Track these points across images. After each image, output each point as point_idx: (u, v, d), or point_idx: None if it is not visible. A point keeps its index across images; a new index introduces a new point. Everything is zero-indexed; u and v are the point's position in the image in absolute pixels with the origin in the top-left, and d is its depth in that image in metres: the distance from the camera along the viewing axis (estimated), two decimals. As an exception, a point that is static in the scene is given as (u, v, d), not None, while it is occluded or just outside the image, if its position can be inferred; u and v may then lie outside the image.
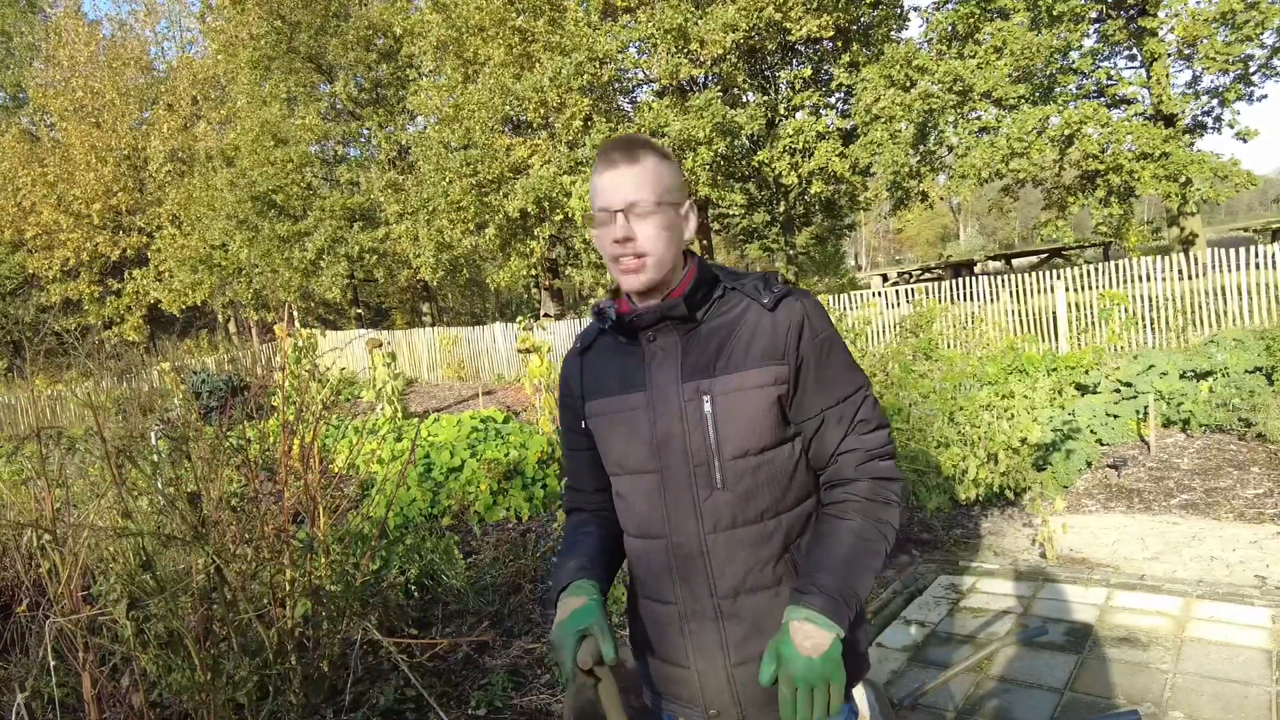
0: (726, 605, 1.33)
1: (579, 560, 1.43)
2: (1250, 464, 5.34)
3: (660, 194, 1.33)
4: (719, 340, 1.33)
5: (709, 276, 1.39)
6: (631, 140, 1.36)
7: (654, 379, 1.36)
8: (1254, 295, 9.33)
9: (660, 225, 1.33)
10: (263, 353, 18.66)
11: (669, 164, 1.37)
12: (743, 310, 1.35)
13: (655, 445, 1.35)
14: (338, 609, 3.09)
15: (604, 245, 1.34)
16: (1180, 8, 12.17)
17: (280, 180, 20.28)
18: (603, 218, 1.34)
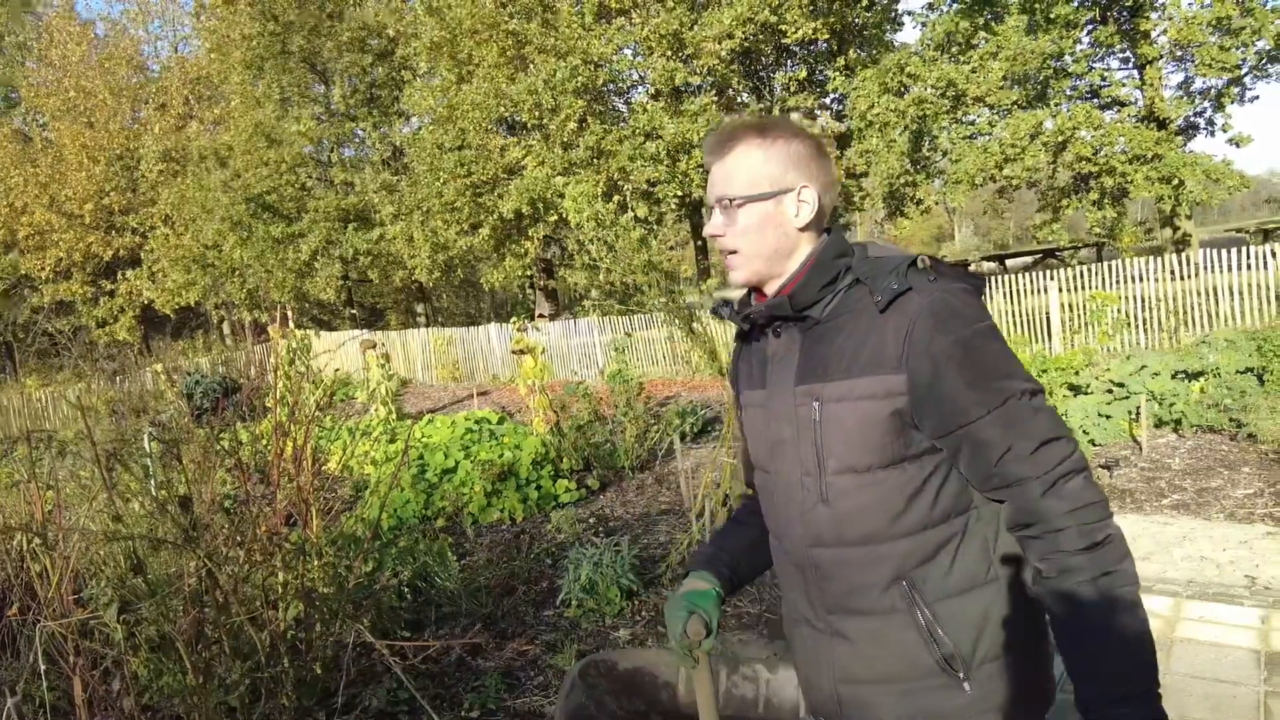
0: (834, 621, 1.26)
1: (718, 550, 1.49)
2: (1241, 464, 5.36)
3: (749, 187, 1.25)
4: (838, 341, 1.21)
5: (831, 268, 1.24)
6: (728, 127, 1.29)
7: (772, 378, 1.30)
8: (1245, 296, 9.38)
9: (750, 220, 1.25)
10: (256, 354, 18.64)
11: (769, 149, 1.26)
12: (862, 307, 1.20)
13: (771, 445, 1.30)
14: (330, 611, 3.09)
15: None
16: (1174, 11, 12.23)
17: (274, 182, 20.25)
18: (705, 212, 1.35)
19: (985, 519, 1.19)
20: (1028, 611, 1.20)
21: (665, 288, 4.99)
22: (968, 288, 1.19)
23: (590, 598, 3.86)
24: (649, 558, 4.54)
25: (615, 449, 6.77)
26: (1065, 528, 1.11)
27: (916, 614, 1.18)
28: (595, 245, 12.97)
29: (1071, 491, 1.11)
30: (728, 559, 1.47)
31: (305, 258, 20.61)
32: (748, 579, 1.49)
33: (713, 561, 1.46)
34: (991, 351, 1.15)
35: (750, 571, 1.49)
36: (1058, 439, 1.13)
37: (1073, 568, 1.10)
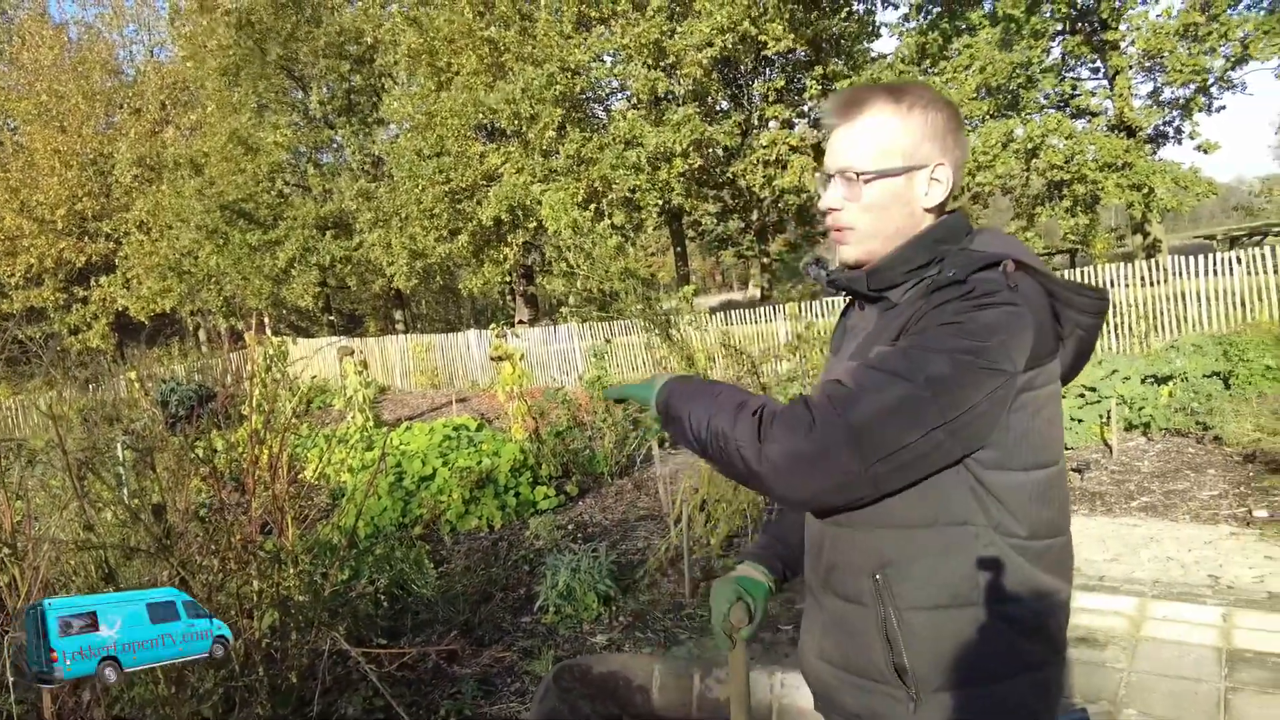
0: (822, 597, 1.24)
1: (772, 539, 1.46)
2: (1207, 466, 5.47)
3: (880, 159, 1.14)
4: (897, 326, 1.12)
5: (925, 252, 1.14)
6: (861, 90, 1.17)
7: (843, 350, 1.26)
8: (1213, 301, 9.56)
9: (875, 197, 1.15)
10: (233, 361, 18.45)
11: (905, 118, 1.14)
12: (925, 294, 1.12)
13: None
14: (306, 619, 3.08)
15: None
16: (1142, 22, 12.47)
17: (250, 189, 20.11)
18: (821, 179, 1.20)
19: (984, 540, 1.09)
20: (1009, 653, 1.11)
21: (642, 294, 5.02)
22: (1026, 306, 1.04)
23: (568, 604, 3.87)
24: (627, 563, 4.56)
25: (594, 455, 6.79)
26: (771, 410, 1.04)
27: (881, 614, 1.13)
28: (573, 253, 12.98)
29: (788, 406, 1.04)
30: (781, 549, 1.43)
31: (282, 265, 20.46)
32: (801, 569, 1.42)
33: (766, 551, 1.44)
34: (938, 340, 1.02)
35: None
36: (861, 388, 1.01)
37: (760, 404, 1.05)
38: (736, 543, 4.45)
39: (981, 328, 1.02)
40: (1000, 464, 1.07)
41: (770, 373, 4.98)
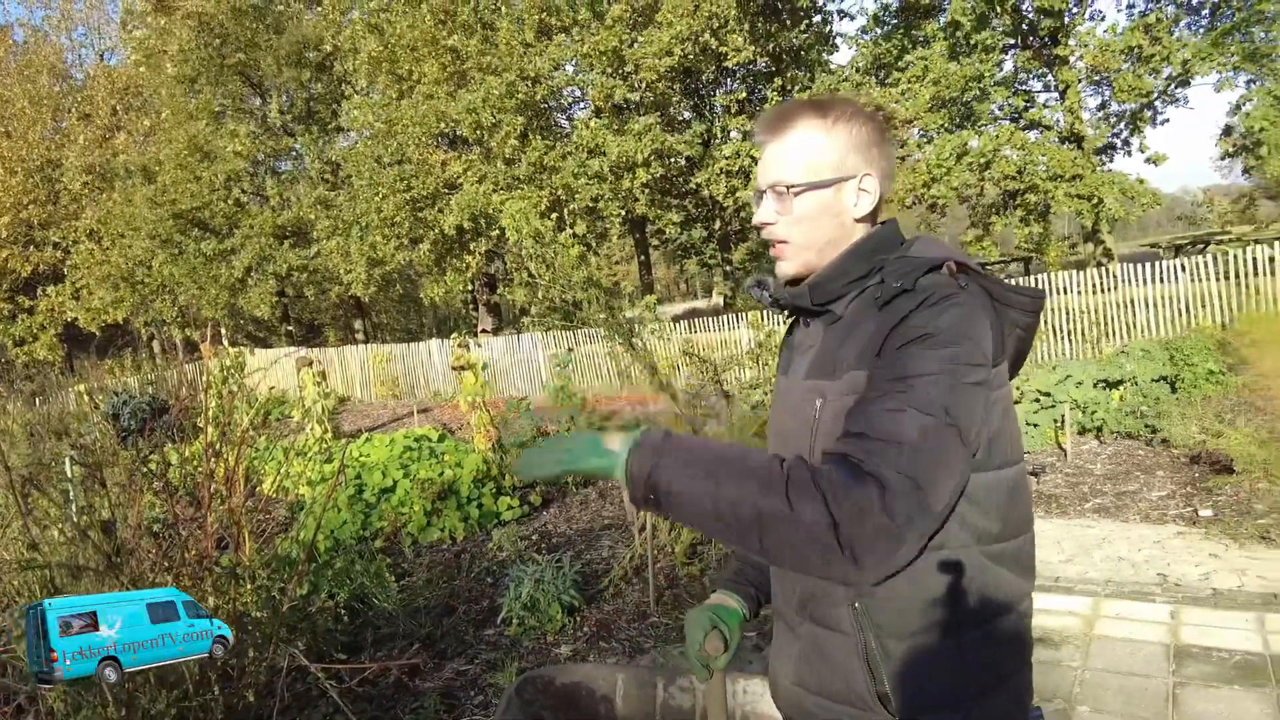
0: (798, 623, 1.22)
1: (743, 564, 1.44)
2: (1156, 468, 5.63)
3: (808, 173, 1.15)
4: (852, 339, 1.13)
5: (863, 263, 1.15)
6: (789, 106, 1.18)
7: (793, 368, 1.25)
8: (1160, 307, 9.86)
9: (805, 209, 1.16)
10: (188, 372, 18.05)
11: (830, 131, 1.15)
12: (871, 304, 1.13)
13: (778, 435, 1.26)
14: (264, 635, 3.02)
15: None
16: (1090, 39, 12.84)
17: (206, 197, 19.73)
18: (755, 196, 1.21)
19: (961, 555, 1.08)
20: (989, 668, 1.12)
21: (605, 304, 5.03)
22: (978, 306, 1.07)
23: (532, 615, 3.85)
24: (591, 573, 4.54)
25: (558, 464, 6.75)
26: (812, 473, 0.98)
27: (862, 641, 1.12)
28: (534, 262, 12.96)
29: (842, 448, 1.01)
30: (753, 574, 1.42)
31: (239, 274, 20.09)
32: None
33: (739, 578, 1.43)
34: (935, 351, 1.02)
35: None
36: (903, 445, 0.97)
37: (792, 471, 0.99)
38: (700, 550, 4.46)
39: (949, 331, 1.03)
40: (979, 465, 1.07)
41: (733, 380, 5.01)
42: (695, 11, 14.62)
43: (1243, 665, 2.97)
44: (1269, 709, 2.68)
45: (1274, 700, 2.72)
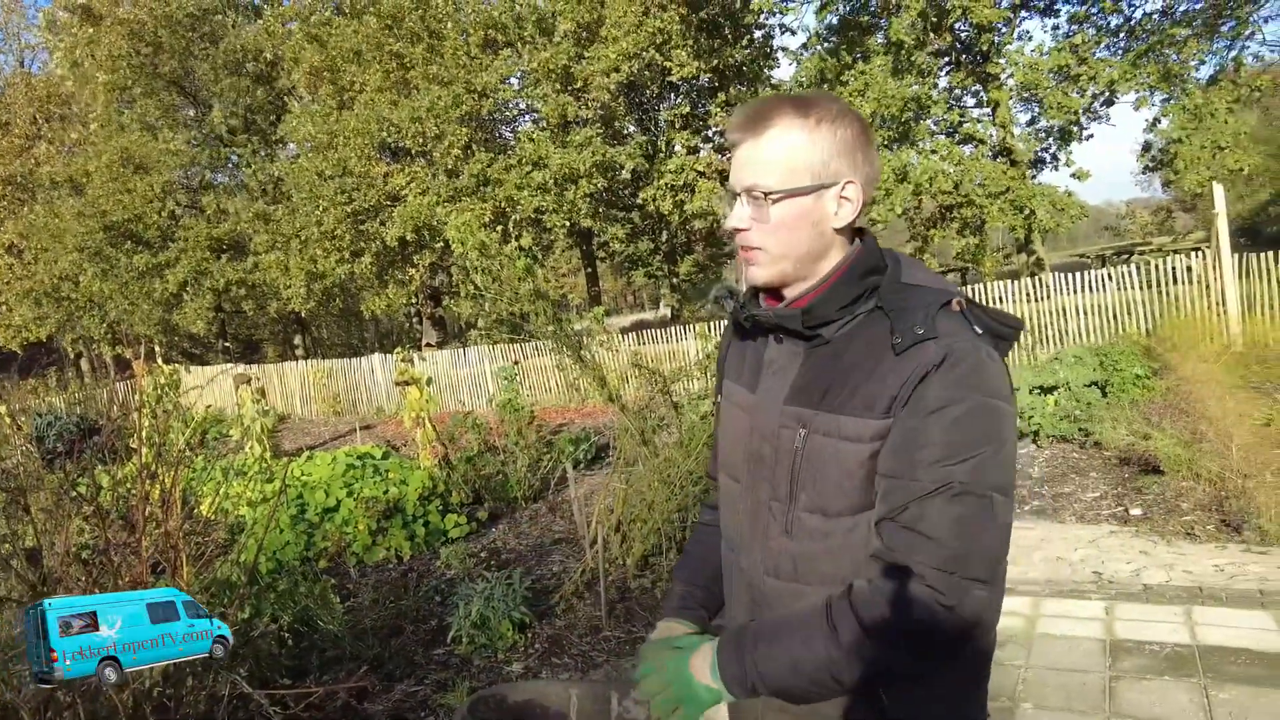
0: None
1: (687, 585, 1.37)
2: (1089, 470, 5.83)
3: (787, 178, 1.08)
4: (843, 369, 1.08)
5: (858, 286, 1.10)
6: (766, 102, 1.10)
7: (764, 386, 1.17)
8: (1090, 315, 10.23)
9: (783, 216, 1.09)
10: (119, 391, 17.39)
11: (812, 133, 1.08)
12: (878, 342, 1.06)
13: (748, 457, 1.18)
14: (202, 663, 2.91)
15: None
16: (1019, 57, 13.33)
17: (139, 209, 19.08)
18: (727, 197, 1.14)
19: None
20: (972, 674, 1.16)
21: (553, 315, 5.01)
22: (991, 348, 1.06)
23: (482, 633, 3.80)
24: (543, 589, 4.51)
25: (507, 480, 6.70)
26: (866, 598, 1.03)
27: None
28: (480, 275, 12.85)
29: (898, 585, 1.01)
30: (701, 595, 1.35)
31: (173, 289, 19.47)
32: (722, 607, 1.35)
33: (686, 602, 1.35)
34: (968, 429, 1.00)
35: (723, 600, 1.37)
36: (948, 551, 0.99)
37: (841, 614, 1.03)
38: (652, 562, 4.46)
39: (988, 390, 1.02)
40: None
41: (682, 391, 5.03)
42: (640, 27, 14.74)
43: (1172, 657, 3.09)
44: (1197, 698, 2.79)
45: (1201, 690, 2.84)
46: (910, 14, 12.50)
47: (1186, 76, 12.73)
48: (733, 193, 1.13)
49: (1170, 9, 13.54)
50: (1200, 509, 4.67)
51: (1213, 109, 12.21)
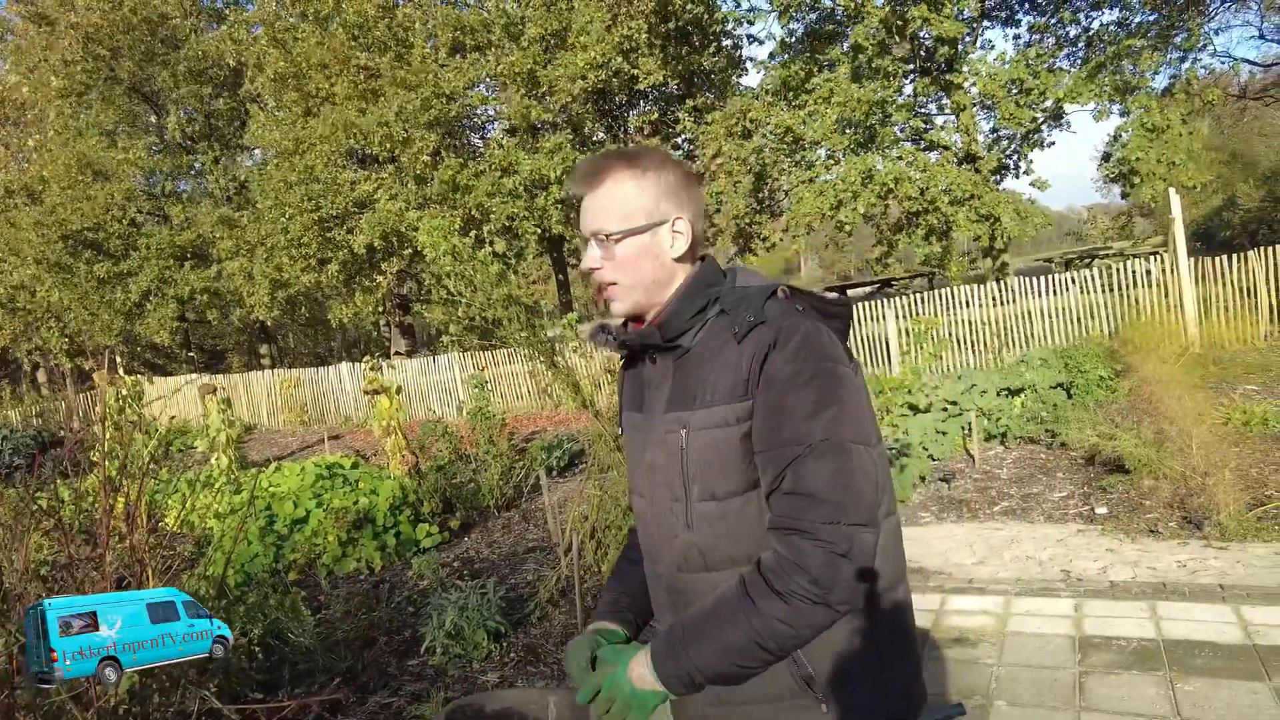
0: None
1: (617, 594, 1.46)
2: (1056, 470, 5.93)
3: (624, 220, 1.24)
4: (704, 369, 1.22)
5: (700, 298, 1.25)
6: (601, 159, 1.28)
7: (648, 403, 1.31)
8: (1054, 318, 10.43)
9: (626, 253, 1.25)
10: (79, 403, 16.98)
11: (640, 180, 1.25)
12: (725, 337, 1.21)
13: (646, 470, 1.31)
14: (170, 679, 2.85)
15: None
16: (980, 66, 13.57)
17: (99, 218, 18.67)
18: (582, 242, 1.31)
19: None
20: (889, 635, 1.23)
21: (526, 322, 5.00)
22: (818, 322, 1.19)
23: (456, 643, 3.76)
24: (517, 598, 4.47)
25: (479, 488, 6.65)
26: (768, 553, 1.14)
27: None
28: (453, 280, 12.78)
29: (787, 547, 1.12)
30: (629, 602, 1.44)
31: (135, 298, 19.08)
32: (652, 617, 1.46)
33: (615, 606, 1.44)
34: (817, 394, 1.13)
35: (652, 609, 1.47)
36: (817, 498, 1.11)
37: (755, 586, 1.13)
38: (627, 568, 4.44)
39: (818, 358, 1.15)
40: None
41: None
42: (607, 34, 14.78)
43: (1139, 651, 3.15)
44: (1163, 690, 2.85)
45: (1167, 682, 2.89)
46: (872, 21, 12.68)
47: (1144, 88, 13.06)
48: (584, 239, 1.29)
49: (1125, 21, 13.89)
50: (1163, 507, 4.77)
51: (1169, 122, 12.53)
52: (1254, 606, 3.39)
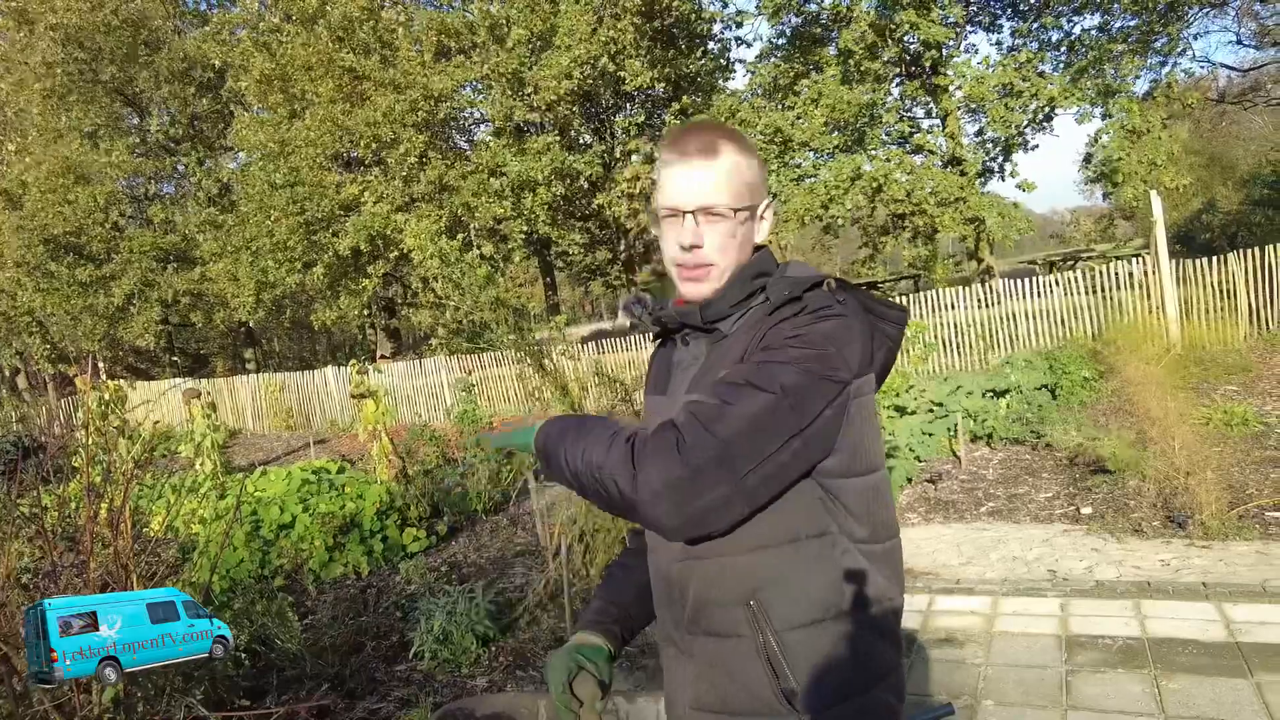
0: (690, 642, 1.20)
1: (605, 602, 1.39)
2: (1041, 471, 5.98)
3: (738, 197, 1.19)
4: (735, 355, 1.16)
5: (749, 285, 1.21)
6: (711, 131, 1.21)
7: (673, 385, 1.26)
8: (1039, 320, 10.51)
9: (732, 233, 1.19)
10: (61, 409, 16.80)
11: (750, 159, 1.21)
12: (759, 318, 1.17)
13: None
14: (156, 687, 2.82)
15: (668, 247, 1.21)
16: (966, 70, 13.68)
17: (80, 221, 18.48)
18: (670, 218, 1.20)
19: (841, 548, 1.13)
20: (873, 658, 1.17)
21: (515, 324, 4.99)
22: (854, 321, 1.14)
23: (444, 648, 3.74)
24: (505, 602, 4.46)
25: (466, 492, 6.63)
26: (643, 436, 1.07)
27: (761, 640, 1.12)
28: (441, 282, 12.76)
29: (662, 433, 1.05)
30: (616, 612, 1.37)
31: (118, 302, 18.89)
32: (641, 627, 1.38)
33: (601, 616, 1.36)
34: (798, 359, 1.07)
35: (644, 619, 1.39)
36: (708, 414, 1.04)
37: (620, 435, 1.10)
38: (616, 571, 4.44)
39: (820, 338, 1.09)
40: (844, 470, 1.13)
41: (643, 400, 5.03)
42: (593, 36, 14.78)
43: (1124, 650, 3.17)
44: (1148, 688, 2.88)
45: (1153, 680, 2.92)
46: (860, 25, 12.76)
47: (1125, 92, 13.20)
48: (681, 212, 1.18)
49: (1107, 25, 14.04)
50: (1147, 506, 4.81)
51: (1149, 125, 12.67)
52: (1236, 604, 3.43)
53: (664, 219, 1.21)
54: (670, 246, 1.21)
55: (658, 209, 1.22)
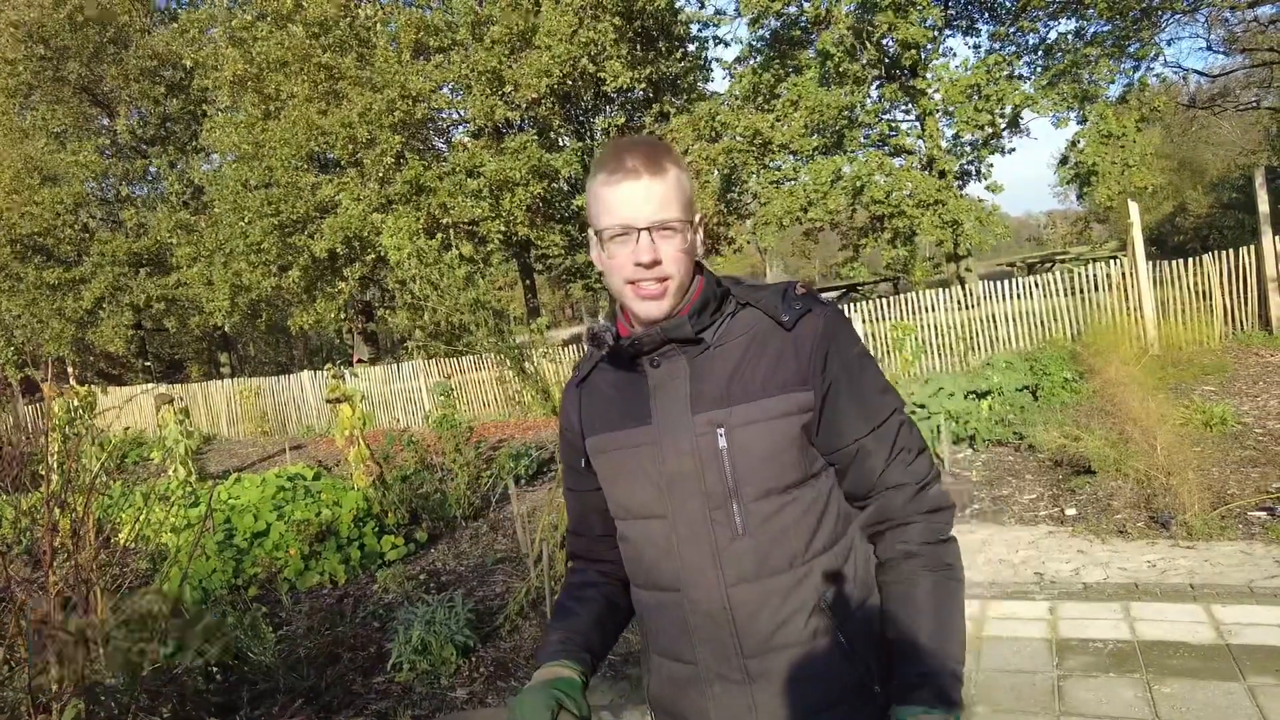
0: (754, 665, 1.18)
1: (566, 632, 1.31)
2: (1025, 472, 5.97)
3: (687, 210, 1.20)
4: (733, 364, 1.19)
5: (718, 292, 1.24)
6: (649, 146, 1.20)
7: (661, 411, 1.21)
8: (1018, 322, 10.56)
9: (683, 246, 1.19)
10: (25, 415, 16.44)
11: (686, 172, 1.23)
12: (759, 329, 1.20)
13: (664, 487, 1.20)
14: (120, 706, 2.71)
15: (620, 267, 1.17)
16: (944, 72, 13.75)
17: (48, 222, 18.12)
18: (620, 237, 1.16)
19: (855, 531, 1.24)
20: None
21: (495, 327, 4.90)
22: (843, 311, 1.26)
23: (423, 659, 3.65)
24: (486, 610, 4.37)
25: (445, 498, 6.52)
26: (916, 522, 1.19)
27: (838, 635, 1.17)
28: (419, 284, 12.61)
29: (932, 497, 1.21)
30: (581, 641, 1.31)
31: (88, 305, 18.53)
32: (602, 658, 1.35)
33: (568, 644, 1.30)
34: (875, 368, 1.24)
35: (603, 649, 1.35)
36: (925, 450, 1.23)
37: (915, 558, 1.18)
38: (599, 577, 4.36)
39: (858, 337, 1.24)
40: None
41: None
42: (573, 37, 14.71)
43: (1115, 654, 3.14)
44: (1141, 693, 2.84)
45: (1145, 684, 2.89)
46: (840, 28, 12.79)
47: (1099, 97, 13.34)
48: (632, 229, 1.15)
49: (1082, 30, 14.18)
50: (1130, 507, 4.81)
51: (1124, 128, 12.81)
52: (1224, 605, 3.42)
53: (610, 240, 1.17)
54: (623, 267, 1.17)
55: (598, 230, 1.18)
